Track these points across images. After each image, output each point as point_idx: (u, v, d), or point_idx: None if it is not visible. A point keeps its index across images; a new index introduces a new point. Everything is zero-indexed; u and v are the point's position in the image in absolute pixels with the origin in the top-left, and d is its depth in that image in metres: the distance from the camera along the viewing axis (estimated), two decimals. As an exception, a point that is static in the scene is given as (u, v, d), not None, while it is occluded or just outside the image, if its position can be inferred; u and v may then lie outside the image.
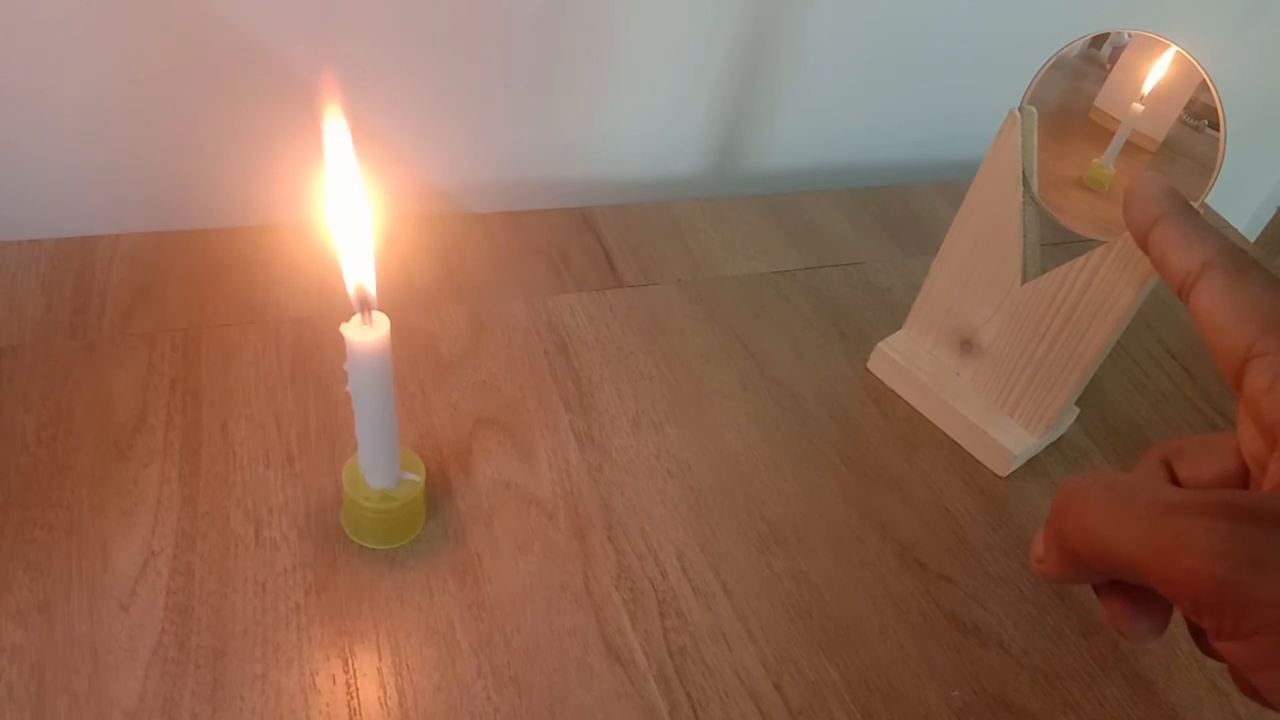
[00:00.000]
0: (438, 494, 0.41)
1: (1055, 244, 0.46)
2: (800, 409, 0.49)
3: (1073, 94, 0.43)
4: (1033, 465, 0.49)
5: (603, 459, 0.44)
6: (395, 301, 0.49)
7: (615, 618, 0.39)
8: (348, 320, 0.33)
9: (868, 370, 0.52)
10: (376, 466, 0.37)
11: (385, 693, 0.35)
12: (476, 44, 0.55)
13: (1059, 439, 0.50)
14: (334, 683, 0.34)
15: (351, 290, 0.32)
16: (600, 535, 0.41)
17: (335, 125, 0.29)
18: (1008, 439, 0.47)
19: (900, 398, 0.51)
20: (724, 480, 0.45)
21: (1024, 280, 0.45)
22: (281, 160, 0.54)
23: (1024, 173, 0.43)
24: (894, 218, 0.65)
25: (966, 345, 0.49)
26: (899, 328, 0.52)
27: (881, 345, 0.52)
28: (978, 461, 0.48)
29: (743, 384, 0.50)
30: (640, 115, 0.63)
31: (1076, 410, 0.50)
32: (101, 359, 0.44)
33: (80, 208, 0.53)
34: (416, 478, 0.38)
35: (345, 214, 0.31)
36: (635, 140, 0.64)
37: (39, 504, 0.38)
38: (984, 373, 0.48)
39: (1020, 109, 0.42)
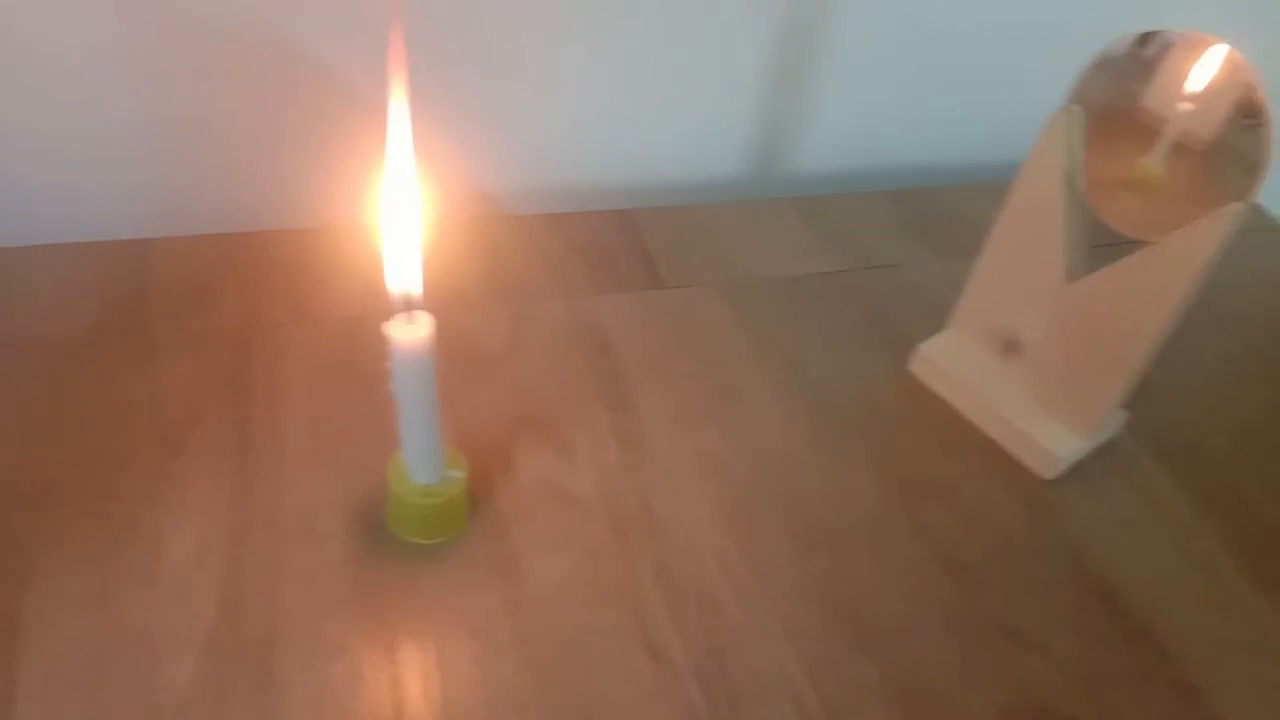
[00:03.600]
0: (480, 491, 0.42)
1: (1101, 245, 0.45)
2: (840, 411, 0.49)
3: (1119, 93, 0.43)
4: (1079, 469, 0.48)
5: (642, 458, 0.45)
6: (439, 302, 0.49)
7: (654, 616, 0.39)
8: (391, 320, 0.33)
9: (909, 373, 0.52)
10: (420, 463, 0.37)
11: (428, 684, 0.35)
12: (520, 51, 0.56)
13: (1106, 442, 0.49)
14: (379, 674, 0.35)
15: (395, 290, 0.33)
16: (639, 534, 0.42)
17: (394, 127, 0.30)
18: (1052, 441, 0.47)
19: (942, 400, 0.51)
20: (763, 481, 0.45)
21: (1069, 280, 0.44)
22: (331, 164, 0.55)
23: (1069, 172, 0.43)
24: (934, 219, 0.64)
25: (1010, 346, 0.48)
26: (940, 330, 0.52)
27: (923, 347, 0.51)
28: (1021, 464, 0.48)
29: (782, 386, 0.50)
30: (681, 119, 0.63)
31: (1124, 413, 0.49)
32: (157, 357, 0.45)
33: (135, 211, 0.55)
34: (459, 474, 0.39)
35: (392, 216, 0.32)
36: (676, 143, 0.65)
37: (98, 496, 0.39)
38: (1028, 374, 0.48)
39: (1065, 108, 0.42)
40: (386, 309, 0.34)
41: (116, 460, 0.41)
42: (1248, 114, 0.39)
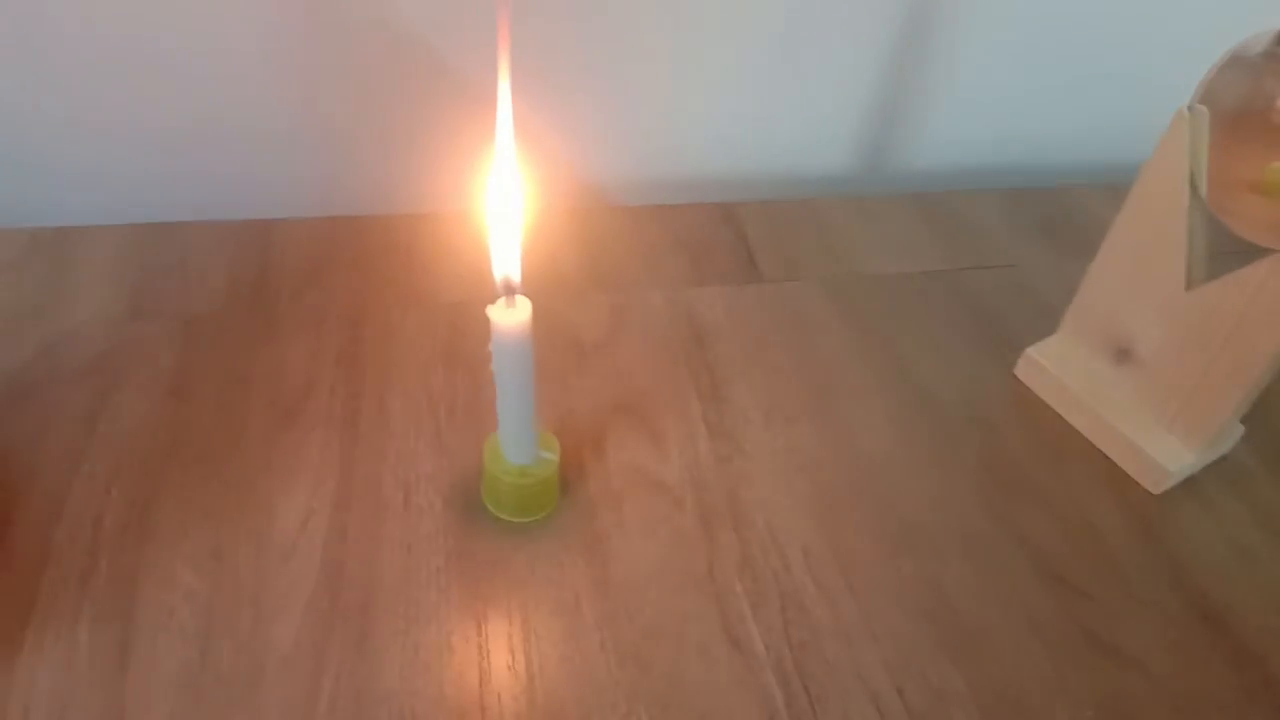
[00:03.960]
0: (571, 474, 0.43)
1: (1227, 252, 0.43)
2: (941, 412, 0.48)
3: (1251, 93, 0.40)
4: (1190, 484, 0.46)
5: (733, 450, 0.45)
6: (541, 289, 0.51)
7: (737, 606, 0.39)
8: (494, 304, 0.34)
9: (1015, 377, 0.51)
10: (515, 443, 0.39)
11: (514, 658, 0.36)
12: (630, 42, 0.57)
13: (1221, 458, 0.47)
14: (467, 644, 0.37)
15: (498, 275, 0.34)
16: (726, 525, 0.42)
17: (501, 116, 0.31)
18: (1164, 455, 0.45)
19: (1049, 406, 0.49)
20: (855, 479, 0.45)
21: (1188, 287, 0.42)
22: (441, 151, 0.57)
23: (1192, 175, 0.41)
24: (1050, 220, 0.62)
25: (1123, 354, 0.47)
26: (1051, 334, 0.50)
27: (1031, 351, 0.50)
28: (1129, 477, 0.46)
29: (881, 384, 0.49)
30: (790, 111, 0.63)
31: (1241, 428, 0.47)
32: (277, 332, 0.48)
33: (261, 193, 0.58)
34: (552, 456, 0.40)
35: (496, 203, 0.33)
36: (784, 137, 0.64)
37: (217, 460, 0.42)
38: (1141, 384, 0.46)
39: (1190, 108, 0.40)
40: (491, 294, 0.35)
41: (236, 427, 0.43)
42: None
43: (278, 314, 0.49)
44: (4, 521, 0.39)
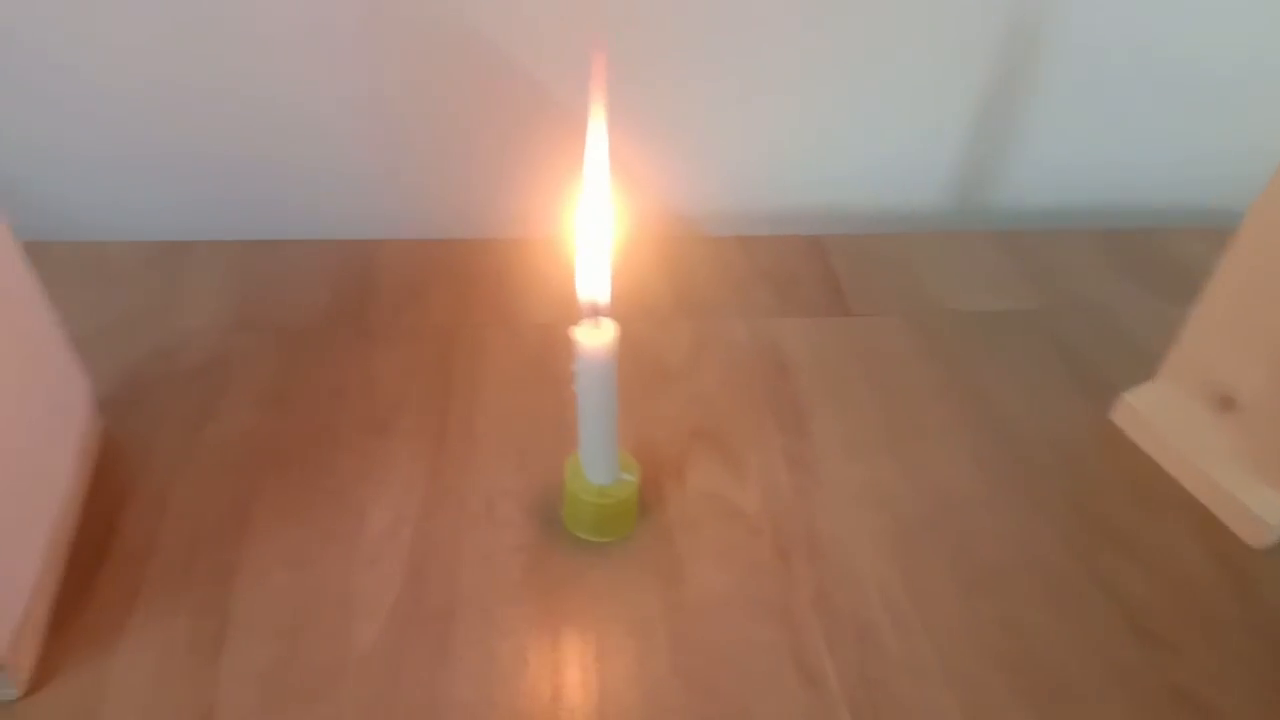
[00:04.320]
0: (650, 497, 0.43)
1: (1339, 298, 0.41)
2: (1027, 454, 0.47)
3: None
4: (1295, 541, 0.44)
5: (811, 482, 0.45)
6: (626, 314, 0.52)
7: (810, 639, 0.39)
8: (579, 326, 0.35)
9: (1109, 421, 0.49)
10: (596, 463, 0.39)
11: (585, 675, 0.37)
12: (722, 75, 0.58)
13: (1331, 516, 0.45)
14: (541, 658, 0.37)
15: (584, 298, 0.35)
16: (802, 556, 0.42)
17: (593, 145, 0.32)
18: (1266, 508, 0.43)
19: (1144, 453, 0.48)
20: (936, 516, 0.44)
21: (1296, 335, 0.41)
22: (535, 179, 0.59)
23: (1303, 218, 0.39)
24: (1149, 261, 0.61)
25: (1226, 402, 0.45)
26: (1148, 378, 0.49)
27: (1127, 395, 0.49)
28: (1228, 530, 0.44)
29: (966, 422, 0.49)
30: (879, 147, 0.63)
31: (1354, 485, 0.44)
32: (374, 347, 0.50)
33: (367, 215, 0.60)
34: (631, 478, 0.40)
35: (587, 228, 0.34)
36: (874, 171, 0.64)
37: (312, 467, 0.44)
38: (1244, 433, 0.44)
39: (1302, 149, 0.39)
40: (577, 316, 0.36)
41: (331, 436, 0.45)
42: None
43: (376, 330, 0.51)
44: (116, 513, 0.41)
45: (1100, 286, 0.58)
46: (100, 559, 0.39)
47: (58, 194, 0.58)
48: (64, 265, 0.53)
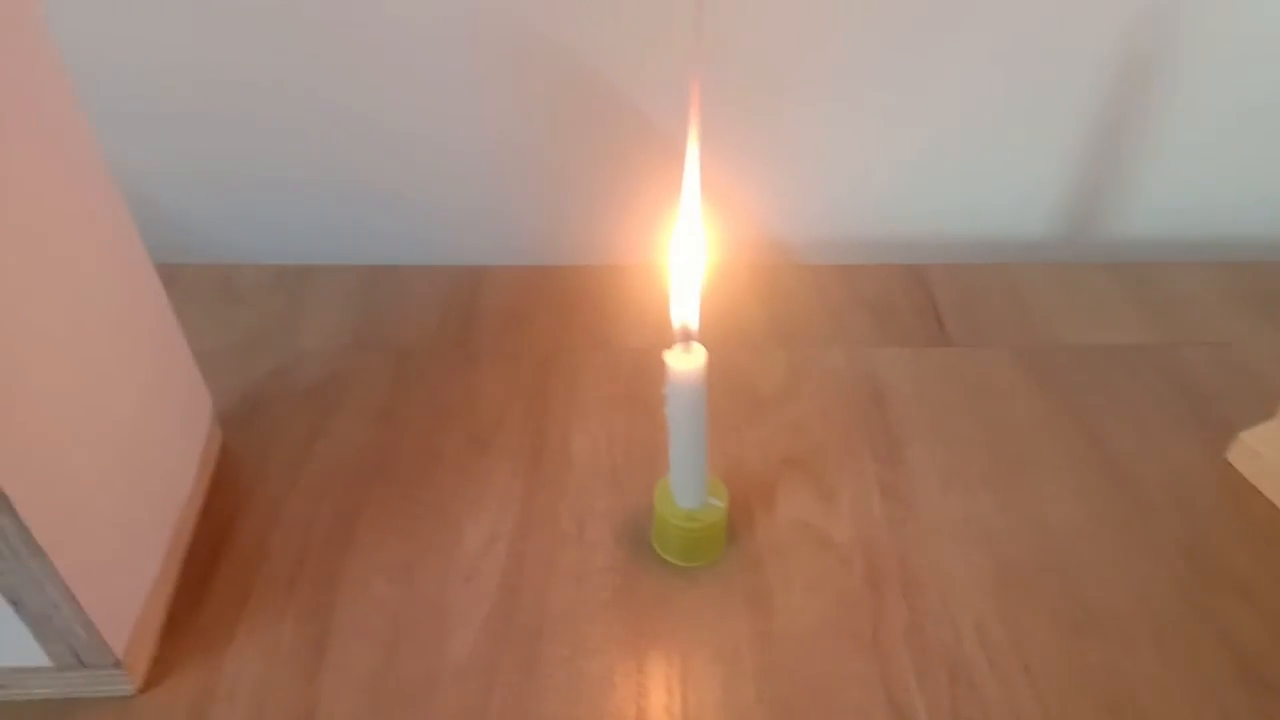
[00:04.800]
0: (739, 524, 0.43)
1: None
2: (1138, 493, 0.45)
3: None
4: None
5: (906, 514, 0.44)
6: (720, 340, 0.52)
7: (901, 674, 0.38)
8: (671, 350, 0.36)
9: (1226, 462, 0.47)
10: (685, 487, 0.40)
11: (670, 699, 0.37)
12: (821, 101, 0.58)
13: None
14: (627, 680, 0.38)
15: (677, 323, 0.35)
16: (895, 589, 0.41)
17: (689, 172, 0.33)
18: (1402, 559, 0.40)
19: (1263, 495, 0.45)
20: (1038, 555, 0.43)
21: None
22: (634, 205, 0.60)
23: None
24: (1269, 296, 0.57)
25: (1356, 445, 0.42)
26: (1270, 417, 0.46)
27: (1245, 435, 0.46)
28: (1360, 581, 0.42)
29: (1073, 458, 0.47)
30: (988, 174, 0.62)
31: None
32: (477, 369, 0.52)
33: (472, 242, 0.63)
34: (720, 504, 0.40)
35: (680, 255, 0.35)
36: (980, 200, 0.63)
37: (415, 482, 0.45)
38: (1377, 479, 0.42)
39: None
40: (671, 341, 0.36)
41: (434, 453, 0.47)
42: None
43: (480, 351, 0.53)
44: (231, 521, 0.43)
45: (1218, 320, 0.56)
46: (215, 564, 0.42)
47: (192, 216, 0.63)
48: (195, 286, 0.57)
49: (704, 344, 0.36)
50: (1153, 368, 0.52)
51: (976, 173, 0.62)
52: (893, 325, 0.55)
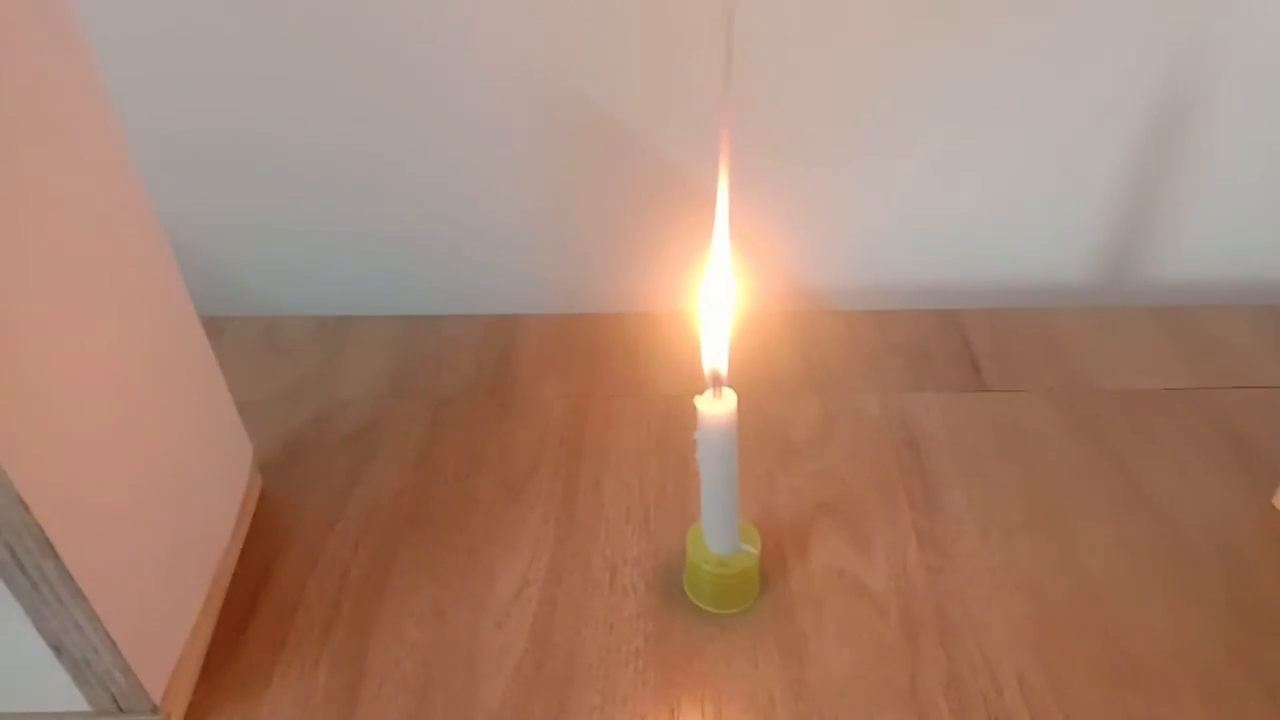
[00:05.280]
0: (772, 571, 0.43)
1: None
2: (1182, 541, 0.44)
3: None
4: None
5: (944, 562, 0.43)
6: (752, 386, 0.53)
7: (939, 726, 0.37)
8: (702, 395, 0.36)
9: (1272, 507, 0.46)
10: (717, 533, 0.40)
11: (703, 749, 0.37)
12: (852, 146, 0.58)
13: None
14: (658, 728, 0.37)
15: (707, 368, 0.36)
16: (932, 638, 0.40)
17: (719, 218, 0.33)
18: None
19: (1315, 544, 0.44)
20: (1079, 605, 0.42)
21: None
22: (664, 253, 0.61)
23: None
24: (1318, 339, 0.56)
25: None
26: (1319, 463, 0.45)
27: (1294, 481, 0.45)
28: None
29: (1114, 506, 0.46)
30: (1022, 219, 0.62)
31: None
32: (511, 416, 0.52)
33: (509, 291, 0.64)
34: (753, 549, 0.40)
35: (711, 301, 0.35)
36: (1015, 244, 0.63)
37: (449, 528, 0.46)
38: None
39: None
40: (703, 387, 0.37)
41: (468, 499, 0.47)
42: None
43: (514, 399, 0.53)
44: (269, 568, 0.44)
45: (1263, 365, 0.55)
46: (252, 610, 0.42)
47: (238, 268, 0.64)
48: (239, 337, 0.59)
49: (735, 390, 0.37)
50: (1194, 412, 0.52)
51: (1011, 217, 0.62)
52: (927, 370, 0.55)
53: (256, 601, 0.43)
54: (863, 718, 0.37)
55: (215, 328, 0.44)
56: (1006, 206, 0.61)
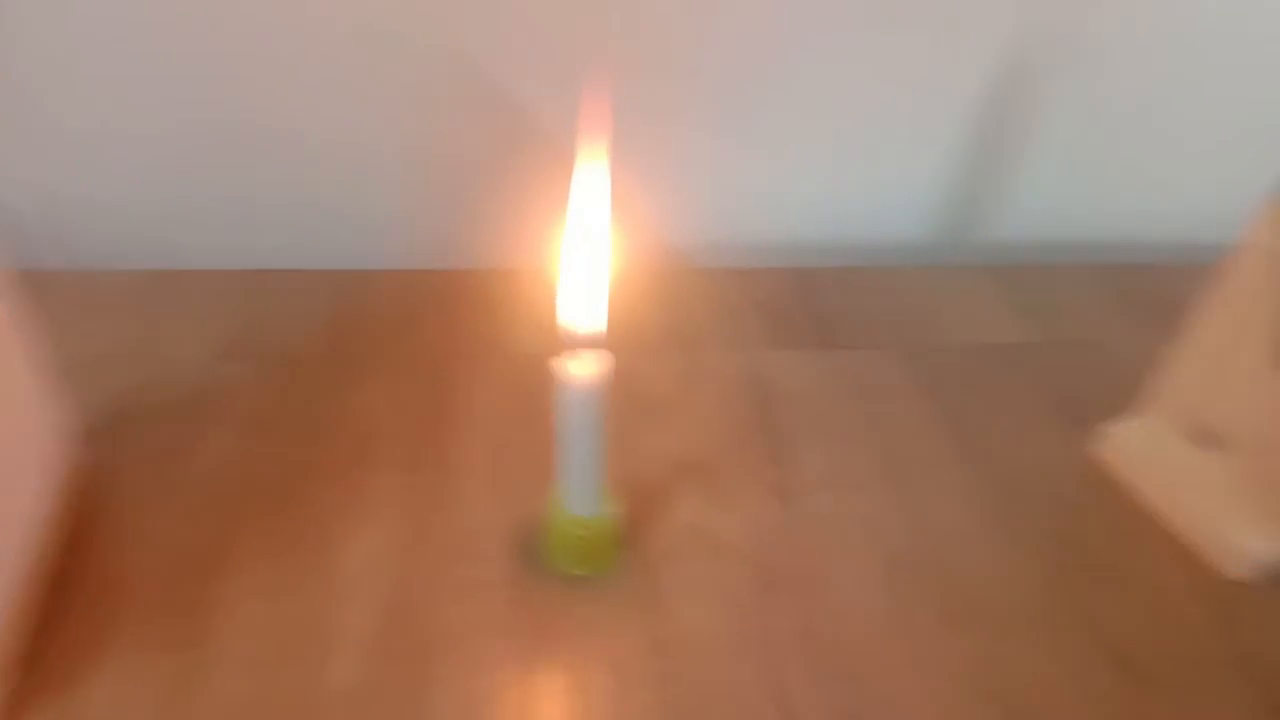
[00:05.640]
0: (633, 531, 0.43)
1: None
2: (1013, 487, 0.47)
3: (1346, 171, 0.39)
4: (1277, 575, 0.44)
5: (798, 515, 0.45)
6: (616, 344, 0.52)
7: (794, 676, 0.38)
8: (568, 356, 0.35)
9: (1095, 455, 0.49)
10: (579, 495, 0.39)
11: (566, 712, 0.36)
12: (714, 107, 0.58)
13: (1317, 551, 0.45)
14: (521, 694, 0.37)
15: (572, 328, 0.35)
16: (788, 591, 0.41)
17: (587, 175, 0.33)
18: (1249, 541, 0.43)
19: (1128, 487, 0.48)
20: (921, 550, 0.44)
21: (1278, 370, 0.41)
22: (529, 207, 0.59)
23: (1283, 255, 0.40)
24: (1137, 297, 0.61)
25: (1209, 437, 0.45)
26: (1133, 413, 0.49)
27: (1112, 430, 0.49)
28: (1211, 565, 0.44)
29: (953, 456, 0.49)
30: (871, 180, 0.63)
31: (1339, 520, 0.44)
32: (360, 377, 0.50)
33: (355, 244, 0.61)
34: (614, 511, 0.40)
35: (578, 258, 0.34)
36: (864, 205, 0.65)
37: (293, 499, 0.43)
38: (1227, 468, 0.44)
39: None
40: (565, 347, 0.36)
41: (315, 469, 0.45)
42: None
43: (363, 360, 0.51)
44: (94, 545, 0.41)
45: (1093, 321, 0.59)
46: (76, 591, 0.39)
47: (58, 223, 0.59)
48: (60, 293, 0.53)
49: (598, 347, 0.36)
50: (1026, 366, 0.55)
51: (860, 178, 0.63)
52: (784, 328, 0.56)
53: (81, 582, 0.39)
54: (724, 671, 0.38)
55: (34, 282, 0.40)
56: (855, 169, 0.63)
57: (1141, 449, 0.47)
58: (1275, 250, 0.40)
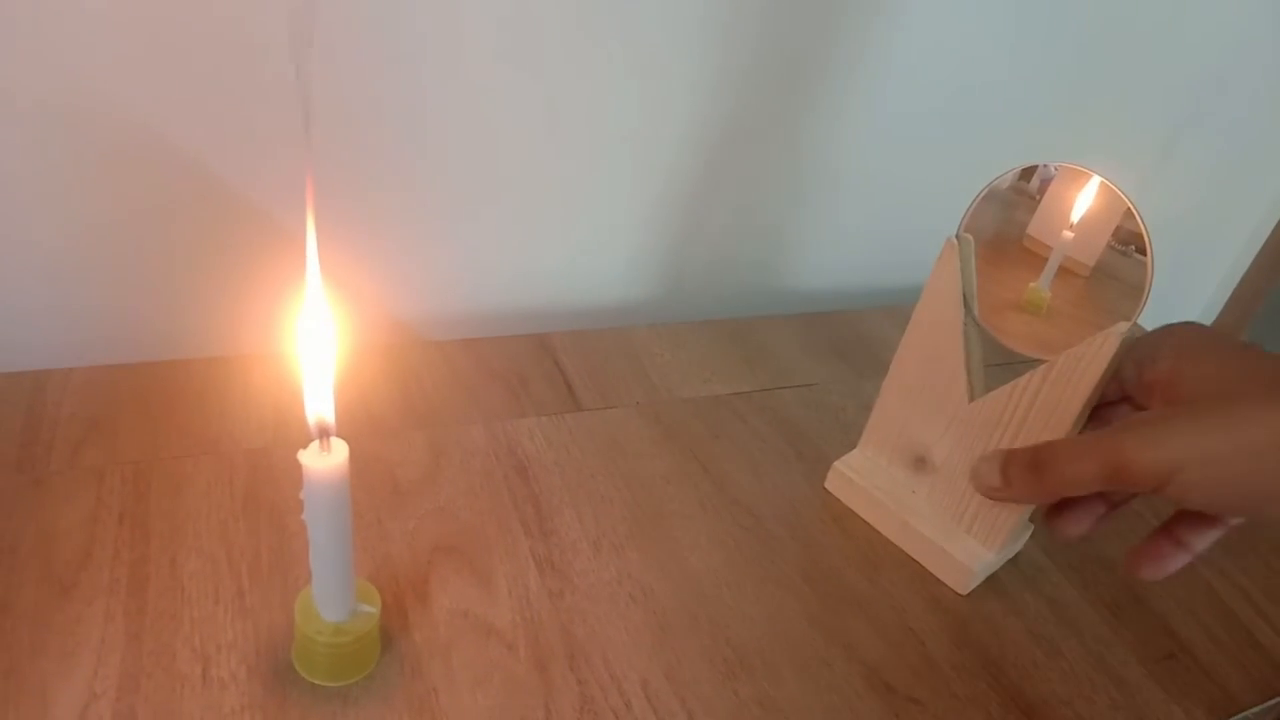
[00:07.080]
0: (394, 626, 0.40)
1: (1000, 364, 0.47)
2: (761, 529, 0.49)
3: (1006, 223, 0.46)
4: (992, 582, 0.49)
5: (564, 584, 0.44)
6: (354, 429, 0.49)
7: (578, 752, 0.37)
8: (305, 448, 0.32)
9: (826, 490, 0.53)
10: (331, 599, 0.36)
11: (336, 842, 0.33)
12: (433, 178, 0.57)
13: (1016, 555, 0.50)
14: (282, 832, 0.33)
15: (311, 418, 0.32)
16: (562, 665, 0.40)
17: (307, 255, 0.30)
18: (966, 556, 0.47)
19: (859, 517, 0.51)
20: (687, 604, 0.44)
21: (970, 399, 0.46)
22: (235, 293, 0.55)
23: (965, 296, 0.45)
24: (843, 341, 0.67)
25: (920, 463, 0.50)
26: (854, 447, 0.53)
27: (838, 464, 0.52)
28: (939, 579, 0.48)
29: (703, 505, 0.50)
30: (590, 244, 0.65)
31: (1031, 526, 0.50)
32: (49, 494, 0.43)
33: (32, 342, 0.52)
34: (372, 609, 0.37)
35: (305, 343, 0.31)
36: (591, 267, 0.66)
37: (-26, 647, 0.36)
38: (939, 490, 0.49)
39: (957, 236, 0.45)
40: (297, 438, 0.33)
41: (2, 605, 0.38)
42: (1126, 241, 0.42)
43: (49, 473, 0.44)
44: None
45: (807, 366, 0.63)
46: None
47: None
48: None
49: (338, 435, 0.33)
50: (756, 411, 0.58)
51: (587, 242, 0.65)
52: (526, 395, 0.55)
53: None
54: (504, 763, 0.36)
55: None
56: (580, 233, 0.64)
57: (866, 479, 0.51)
58: (956, 290, 0.45)
